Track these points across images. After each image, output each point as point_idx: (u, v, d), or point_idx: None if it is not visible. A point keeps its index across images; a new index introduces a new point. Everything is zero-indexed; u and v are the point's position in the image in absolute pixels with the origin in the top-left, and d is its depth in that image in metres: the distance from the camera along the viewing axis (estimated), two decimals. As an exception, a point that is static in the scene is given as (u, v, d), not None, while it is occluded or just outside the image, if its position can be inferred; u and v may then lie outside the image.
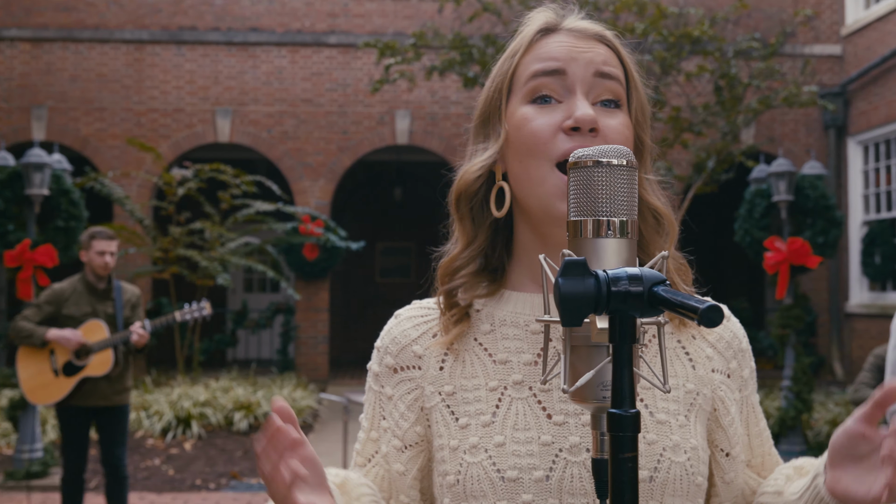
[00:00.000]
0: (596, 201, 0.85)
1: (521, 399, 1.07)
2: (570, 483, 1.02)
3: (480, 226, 1.14)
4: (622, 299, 0.72)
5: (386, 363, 1.16)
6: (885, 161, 12.10)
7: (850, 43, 12.77)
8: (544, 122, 1.06)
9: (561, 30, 1.12)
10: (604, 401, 0.83)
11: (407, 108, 12.62)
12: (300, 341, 12.66)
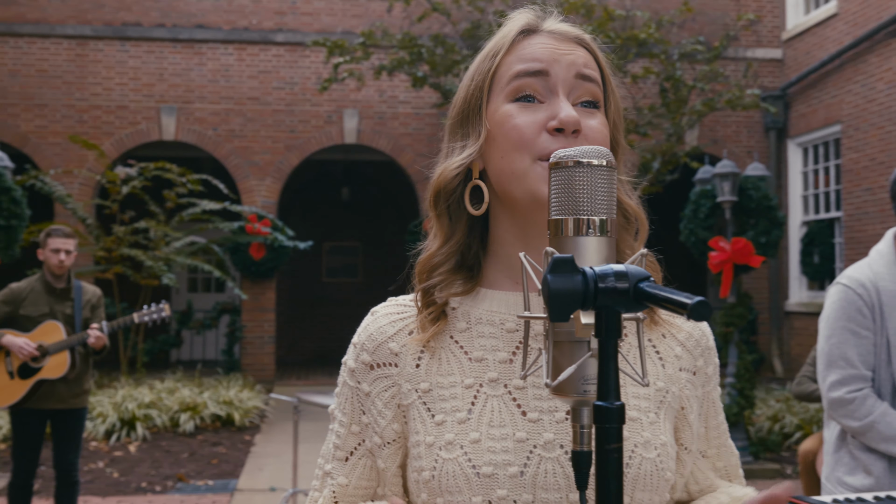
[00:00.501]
0: (577, 201, 0.87)
1: (497, 396, 1.09)
2: (543, 478, 1.05)
3: (458, 223, 1.15)
4: (609, 295, 0.74)
5: (362, 360, 1.17)
6: (824, 163, 12.40)
7: (790, 47, 13.06)
8: (528, 119, 1.08)
9: (541, 31, 1.14)
10: (584, 395, 0.85)
11: (355, 107, 12.59)
12: (246, 342, 12.56)
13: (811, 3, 12.90)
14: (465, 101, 1.16)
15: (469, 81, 1.16)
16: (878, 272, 2.60)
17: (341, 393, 1.20)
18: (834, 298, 2.64)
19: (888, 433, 2.51)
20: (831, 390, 2.62)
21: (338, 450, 1.18)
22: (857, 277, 2.61)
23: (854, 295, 2.59)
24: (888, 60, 10.70)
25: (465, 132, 1.15)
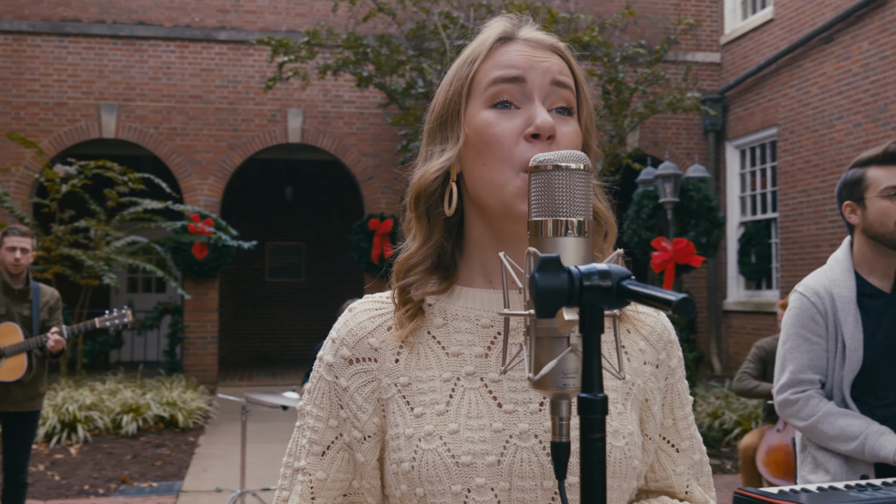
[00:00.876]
0: (556, 203, 0.91)
1: (474, 389, 1.13)
2: (519, 467, 1.09)
3: (435, 224, 1.19)
4: (593, 293, 0.78)
5: (342, 354, 1.19)
6: (760, 165, 12.70)
7: (728, 51, 13.35)
8: (506, 127, 1.12)
9: (518, 39, 1.18)
10: (564, 388, 0.89)
11: (299, 106, 12.53)
12: (189, 342, 12.42)
13: (748, 9, 13.20)
14: (444, 105, 1.19)
15: (448, 86, 1.19)
16: (833, 279, 2.70)
17: (316, 388, 1.21)
18: (792, 306, 2.74)
19: (831, 432, 2.61)
20: (779, 392, 2.73)
21: (314, 444, 1.19)
22: (813, 286, 2.72)
23: (808, 303, 2.69)
24: (822, 65, 11.00)
25: (444, 136, 1.18)
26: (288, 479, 1.22)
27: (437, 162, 1.17)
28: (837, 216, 10.64)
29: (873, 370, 2.66)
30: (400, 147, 10.48)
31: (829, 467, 2.69)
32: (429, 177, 1.17)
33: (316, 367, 1.23)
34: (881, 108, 9.90)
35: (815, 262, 11.02)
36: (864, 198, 2.72)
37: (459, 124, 1.16)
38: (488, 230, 1.17)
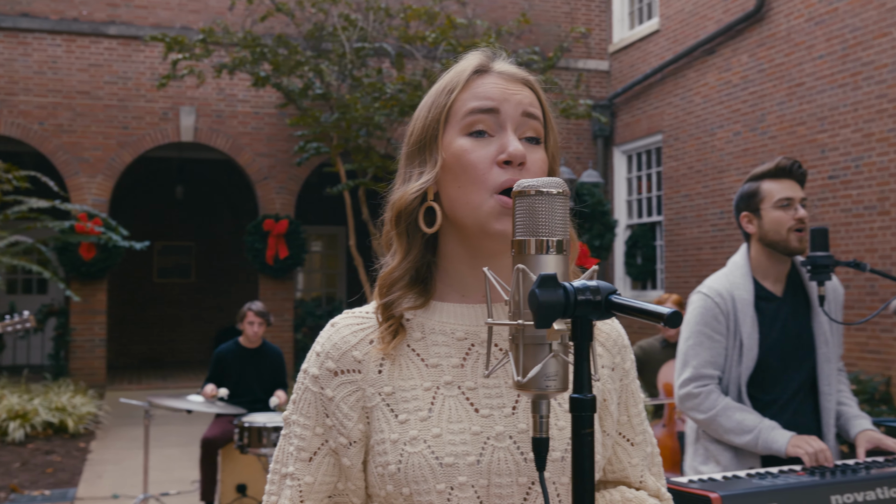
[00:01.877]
0: (538, 224, 1.02)
1: (453, 397, 1.24)
2: (497, 465, 1.21)
3: (414, 240, 1.29)
4: (585, 307, 0.89)
5: (327, 367, 1.28)
6: (646, 170, 13.19)
7: (616, 59, 13.80)
8: (481, 154, 1.23)
9: (493, 71, 1.29)
10: (546, 389, 1.01)
11: (192, 104, 12.33)
12: (76, 345, 12.05)
13: (635, 19, 13.69)
14: (422, 130, 1.29)
15: (426, 113, 1.30)
16: (734, 282, 2.92)
17: (302, 399, 1.30)
18: (695, 305, 2.94)
19: (728, 425, 2.82)
20: (682, 386, 2.92)
21: (301, 451, 1.28)
22: (716, 287, 2.93)
23: (711, 303, 2.89)
24: (704, 76, 11.52)
25: (423, 159, 1.29)
26: (276, 485, 1.31)
27: (417, 184, 1.27)
28: (718, 220, 11.16)
29: (765, 368, 2.89)
30: (297, 148, 10.45)
31: (720, 459, 2.90)
32: (408, 197, 1.27)
33: (301, 379, 1.32)
34: (759, 118, 10.44)
35: (696, 263, 11.54)
36: (759, 209, 2.94)
37: (437, 149, 1.27)
38: (463, 247, 1.28)
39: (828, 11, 9.43)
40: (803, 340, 2.93)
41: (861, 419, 2.93)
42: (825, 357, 2.93)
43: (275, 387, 6.46)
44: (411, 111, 9.73)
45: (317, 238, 17.26)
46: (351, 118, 9.46)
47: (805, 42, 9.73)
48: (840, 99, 9.22)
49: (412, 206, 1.27)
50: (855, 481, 2.29)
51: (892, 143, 8.56)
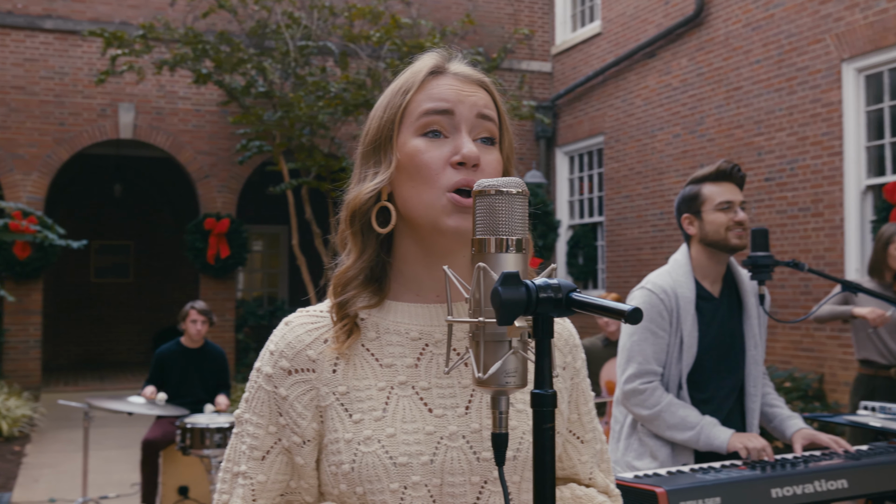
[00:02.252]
0: (497, 223, 1.04)
1: (407, 397, 1.25)
2: (450, 464, 1.22)
3: (368, 239, 1.29)
4: (546, 304, 0.91)
5: (281, 366, 1.27)
6: (588, 171, 13.34)
7: (558, 61, 13.93)
8: (435, 154, 1.24)
9: (448, 73, 1.30)
10: (506, 385, 1.02)
11: (131, 101, 12.13)
12: (9, 346, 11.76)
13: (578, 22, 13.83)
14: (377, 131, 1.30)
15: (381, 114, 1.30)
16: (677, 280, 2.97)
17: (255, 397, 1.30)
18: (639, 301, 2.98)
19: (672, 421, 2.87)
20: (627, 382, 2.97)
21: (254, 450, 1.28)
22: (660, 284, 2.98)
23: (657, 299, 2.95)
24: (645, 79, 11.69)
25: (378, 160, 1.29)
26: (228, 483, 1.31)
27: (371, 184, 1.27)
28: (658, 220, 11.34)
29: (702, 366, 2.96)
30: (239, 146, 10.35)
31: (657, 454, 2.95)
32: (363, 197, 1.27)
33: (254, 378, 1.31)
34: (698, 120, 10.63)
35: (637, 263, 11.71)
36: (700, 211, 3.01)
37: (392, 149, 1.27)
38: (417, 246, 1.29)
39: (764, 17, 9.64)
40: (736, 342, 3.01)
41: (795, 419, 3.02)
42: (753, 359, 3.01)
43: (218, 388, 6.39)
44: (355, 110, 9.72)
45: (258, 237, 17.11)
46: (294, 117, 9.40)
47: (742, 47, 9.94)
48: (776, 103, 9.43)
49: (366, 205, 1.28)
50: (794, 475, 2.36)
51: (826, 146, 8.80)
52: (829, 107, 8.78)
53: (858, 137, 8.57)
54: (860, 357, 4.97)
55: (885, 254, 4.88)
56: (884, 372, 4.81)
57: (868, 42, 8.37)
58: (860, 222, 8.51)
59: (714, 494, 2.21)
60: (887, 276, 4.87)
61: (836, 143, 8.67)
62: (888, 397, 4.63)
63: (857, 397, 4.89)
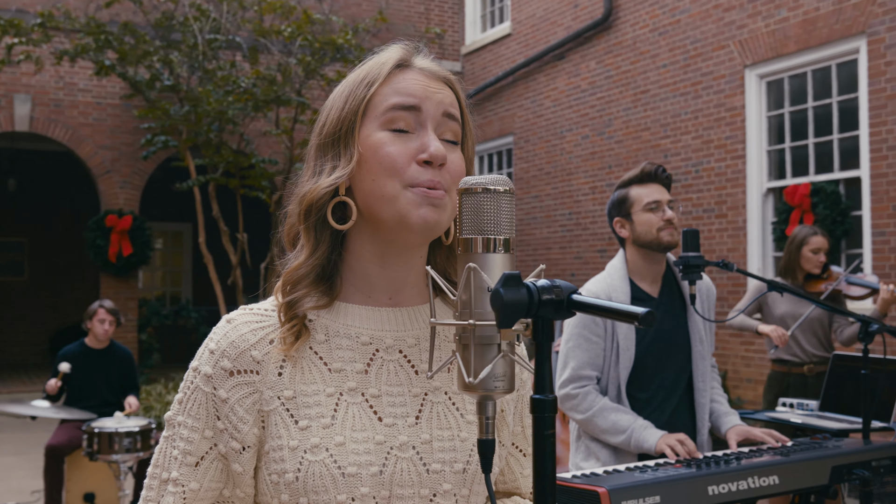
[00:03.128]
0: (484, 222, 1.01)
1: (357, 404, 1.20)
2: (399, 476, 1.18)
3: (322, 236, 1.23)
4: (548, 306, 0.88)
5: (222, 366, 1.20)
6: (498, 171, 13.42)
7: (469, 61, 13.98)
8: (400, 149, 1.18)
9: (413, 67, 1.25)
10: (495, 390, 0.99)
11: (28, 92, 11.64)
12: None
13: (488, 22, 13.91)
14: (337, 123, 1.23)
15: (341, 105, 1.24)
16: (611, 284, 3.01)
17: (191, 399, 1.22)
18: None
19: (604, 426, 2.91)
20: (561, 387, 2.99)
21: (187, 455, 1.20)
22: (593, 290, 3.01)
23: None
24: (554, 80, 11.83)
25: (336, 153, 1.22)
26: (155, 490, 1.22)
27: (331, 177, 1.21)
28: (567, 220, 11.49)
29: (643, 367, 3.00)
30: (144, 141, 10.05)
31: (599, 456, 2.99)
32: (320, 191, 1.21)
33: (190, 378, 1.23)
34: (606, 122, 10.81)
35: (546, 262, 11.84)
36: (630, 213, 3.05)
37: (353, 142, 1.21)
38: (373, 244, 1.23)
39: (671, 23, 9.87)
40: (678, 339, 3.05)
41: (731, 416, 3.09)
42: (699, 354, 3.06)
43: (125, 389, 6.17)
44: (265, 106, 9.55)
45: (160, 235, 16.65)
46: (203, 111, 9.17)
47: (650, 51, 10.15)
48: (682, 106, 9.66)
49: (322, 200, 1.21)
50: (729, 472, 2.40)
51: (729, 149, 9.05)
52: (733, 111, 9.04)
53: (760, 141, 8.85)
54: (774, 356, 5.12)
55: (799, 255, 5.03)
56: (797, 369, 4.97)
57: (769, 49, 8.65)
58: (762, 224, 8.79)
59: (654, 493, 2.23)
60: (799, 276, 5.03)
61: (740, 147, 8.94)
62: (799, 394, 4.78)
63: (770, 394, 5.03)
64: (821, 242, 4.99)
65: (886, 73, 7.52)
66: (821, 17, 8.13)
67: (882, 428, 3.46)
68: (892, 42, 7.47)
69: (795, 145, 8.56)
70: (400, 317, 1.26)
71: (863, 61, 7.79)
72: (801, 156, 8.54)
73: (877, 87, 7.60)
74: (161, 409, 9.25)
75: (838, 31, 7.96)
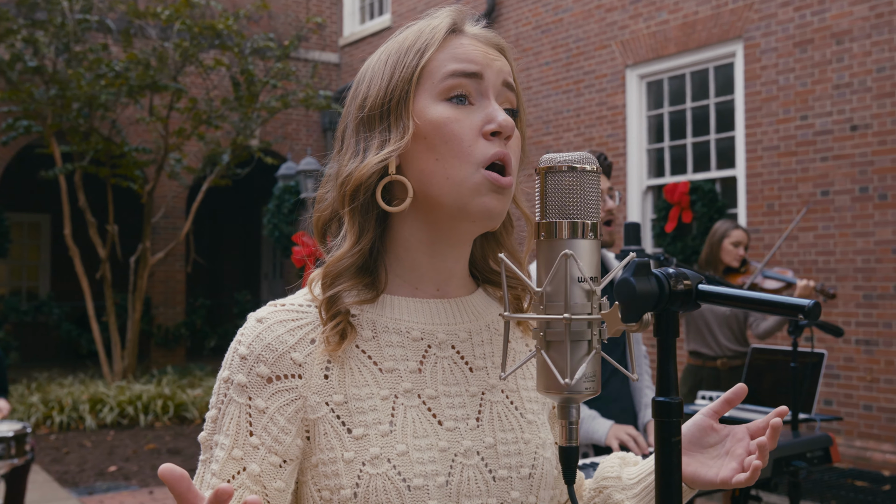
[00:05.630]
0: (570, 204, 0.90)
1: (414, 407, 1.07)
2: (466, 486, 1.06)
3: (368, 221, 1.09)
4: (679, 298, 0.78)
5: (258, 372, 1.05)
6: (376, 165, 13.30)
7: (346, 53, 13.78)
8: (466, 124, 1.06)
9: (467, 33, 1.13)
10: (583, 391, 0.89)
11: None
12: None
13: (366, 14, 13.74)
14: (385, 93, 1.09)
15: (389, 74, 1.10)
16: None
17: (226, 413, 1.06)
18: None
19: None
20: None
21: (214, 476, 1.04)
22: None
23: None
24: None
25: (385, 126, 1.09)
26: None
27: (381, 153, 1.07)
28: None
29: None
30: (6, 125, 9.40)
31: None
32: (369, 169, 1.06)
33: (222, 390, 1.07)
34: (488, 118, 10.86)
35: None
36: None
37: (407, 115, 1.07)
38: (425, 230, 1.10)
39: (553, 21, 9.98)
40: None
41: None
42: (635, 339, 3.04)
43: (-6, 392, 5.72)
44: (139, 91, 9.10)
45: (16, 226, 15.69)
46: (72, 96, 8.66)
47: (532, 48, 10.23)
48: (564, 104, 9.79)
49: (371, 179, 1.07)
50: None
51: (610, 147, 9.23)
52: (614, 110, 9.22)
53: (640, 140, 9.06)
54: (690, 349, 5.21)
55: (720, 248, 5.12)
56: (711, 363, 5.07)
57: (650, 50, 8.86)
58: (641, 220, 9.00)
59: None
60: (719, 269, 5.14)
61: (621, 145, 9.12)
62: (712, 387, 4.88)
63: (684, 387, 5.12)
64: (741, 236, 5.10)
65: (761, 76, 7.81)
66: (700, 21, 8.38)
67: (805, 419, 3.56)
68: (768, 47, 7.77)
69: (674, 144, 8.80)
70: (450, 309, 1.13)
71: (739, 65, 8.07)
72: (679, 155, 8.79)
73: (752, 89, 7.89)
74: (23, 412, 8.70)
75: (716, 34, 8.22)
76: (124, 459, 7.56)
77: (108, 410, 9.00)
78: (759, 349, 3.89)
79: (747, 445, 1.09)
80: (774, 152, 7.69)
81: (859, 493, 6.20)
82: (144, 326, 11.83)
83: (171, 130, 9.76)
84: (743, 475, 1.06)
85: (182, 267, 12.39)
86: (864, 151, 7.04)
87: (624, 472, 1.23)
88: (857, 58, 7.12)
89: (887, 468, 6.76)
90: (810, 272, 7.39)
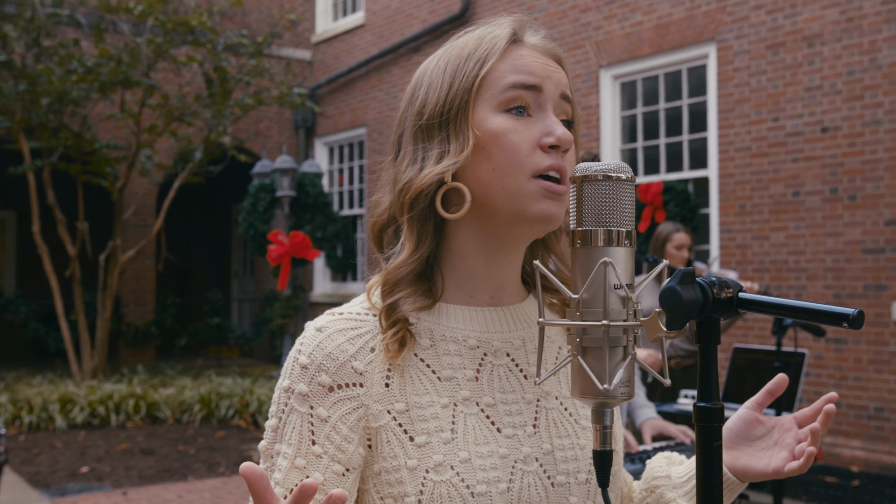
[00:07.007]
0: (606, 212, 0.92)
1: (473, 415, 1.09)
2: (527, 492, 1.08)
3: (426, 229, 1.11)
4: (722, 306, 0.80)
5: (320, 381, 1.06)
6: (349, 163, 13.26)
7: (319, 51, 13.73)
8: (524, 136, 1.08)
9: (526, 43, 1.14)
10: (619, 397, 0.90)
11: None
12: None
13: (339, 12, 13.70)
14: (445, 103, 1.10)
15: (448, 83, 1.11)
16: None
17: (288, 422, 1.07)
18: None
19: None
20: None
21: (277, 486, 1.05)
22: None
23: None
24: (409, 73, 11.78)
25: (445, 136, 1.10)
26: None
27: (441, 164, 1.09)
28: (421, 214, 11.47)
29: None
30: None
31: None
32: (431, 177, 1.08)
33: (283, 400, 1.08)
34: (462, 117, 10.87)
35: (399, 256, 11.79)
36: None
37: (466, 126, 1.09)
38: (480, 238, 1.13)
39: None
40: None
41: (646, 408, 3.10)
42: None
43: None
44: (112, 88, 9.01)
45: (-21, 223, 15.46)
46: (42, 91, 8.55)
47: (507, 48, 10.26)
48: (538, 104, 9.83)
49: (430, 189, 1.09)
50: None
51: (584, 147, 9.27)
52: (588, 110, 9.27)
53: (614, 140, 9.13)
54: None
55: (664, 251, 5.18)
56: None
57: (624, 51, 8.93)
58: (615, 220, 9.06)
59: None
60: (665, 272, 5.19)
61: (594, 145, 9.18)
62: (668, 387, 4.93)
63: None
64: (683, 239, 5.16)
65: (734, 78, 7.90)
66: (673, 23, 8.46)
67: (787, 419, 3.60)
68: (740, 49, 7.86)
69: (647, 144, 8.88)
70: (504, 317, 1.15)
71: (712, 66, 8.16)
72: (652, 155, 8.87)
73: (725, 91, 7.98)
74: (-8, 412, 8.58)
75: (690, 36, 8.30)
76: (96, 460, 7.49)
77: (79, 410, 8.91)
78: (742, 349, 3.94)
79: (796, 434, 1.12)
80: (746, 153, 7.78)
81: (829, 488, 6.30)
82: (114, 325, 11.71)
83: (142, 127, 9.67)
84: (796, 463, 1.09)
85: (153, 265, 12.29)
86: (834, 153, 7.15)
87: (672, 471, 1.25)
88: (827, 61, 7.23)
89: (856, 464, 6.88)
90: (781, 272, 7.49)
